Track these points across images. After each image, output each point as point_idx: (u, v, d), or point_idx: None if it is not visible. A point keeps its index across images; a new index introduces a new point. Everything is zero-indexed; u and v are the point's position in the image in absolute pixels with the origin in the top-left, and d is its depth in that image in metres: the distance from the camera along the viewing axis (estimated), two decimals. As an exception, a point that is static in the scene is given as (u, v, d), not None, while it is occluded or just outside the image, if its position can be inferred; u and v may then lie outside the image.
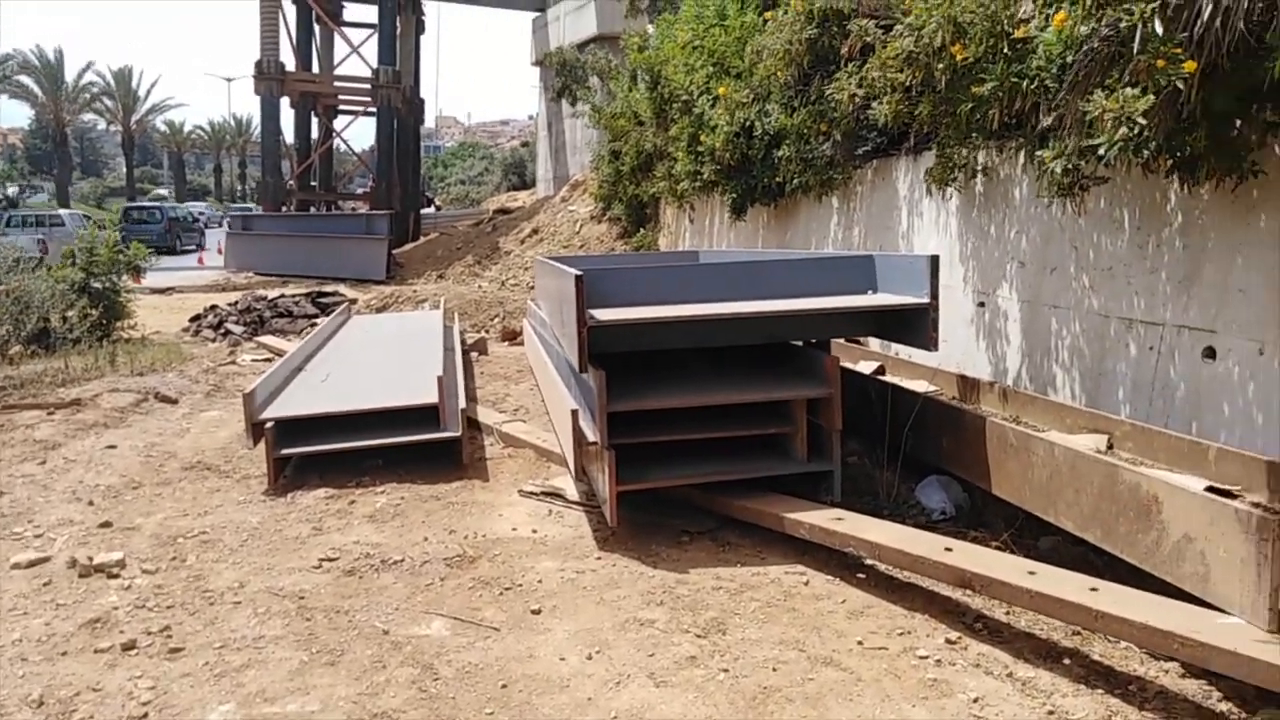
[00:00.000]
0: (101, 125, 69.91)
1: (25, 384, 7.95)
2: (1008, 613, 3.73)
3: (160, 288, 17.81)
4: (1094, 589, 3.27)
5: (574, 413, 4.68)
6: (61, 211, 31.62)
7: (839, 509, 4.34)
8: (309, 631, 3.63)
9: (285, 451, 5.56)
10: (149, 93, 64.99)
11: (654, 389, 4.76)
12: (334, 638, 3.58)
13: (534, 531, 4.65)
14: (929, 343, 4.41)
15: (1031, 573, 3.45)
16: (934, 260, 4.41)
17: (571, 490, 5.08)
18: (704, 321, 4.57)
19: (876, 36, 6.03)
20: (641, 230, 14.56)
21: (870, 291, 4.85)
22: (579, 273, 4.34)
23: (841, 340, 6.54)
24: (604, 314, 4.44)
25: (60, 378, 8.31)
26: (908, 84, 5.61)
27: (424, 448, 5.79)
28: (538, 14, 30.41)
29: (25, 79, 53.22)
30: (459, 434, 5.80)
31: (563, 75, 19.08)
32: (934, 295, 4.39)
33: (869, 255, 5.02)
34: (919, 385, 5.58)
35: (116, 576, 4.19)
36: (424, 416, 5.89)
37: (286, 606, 3.86)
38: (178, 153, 75.98)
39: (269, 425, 5.58)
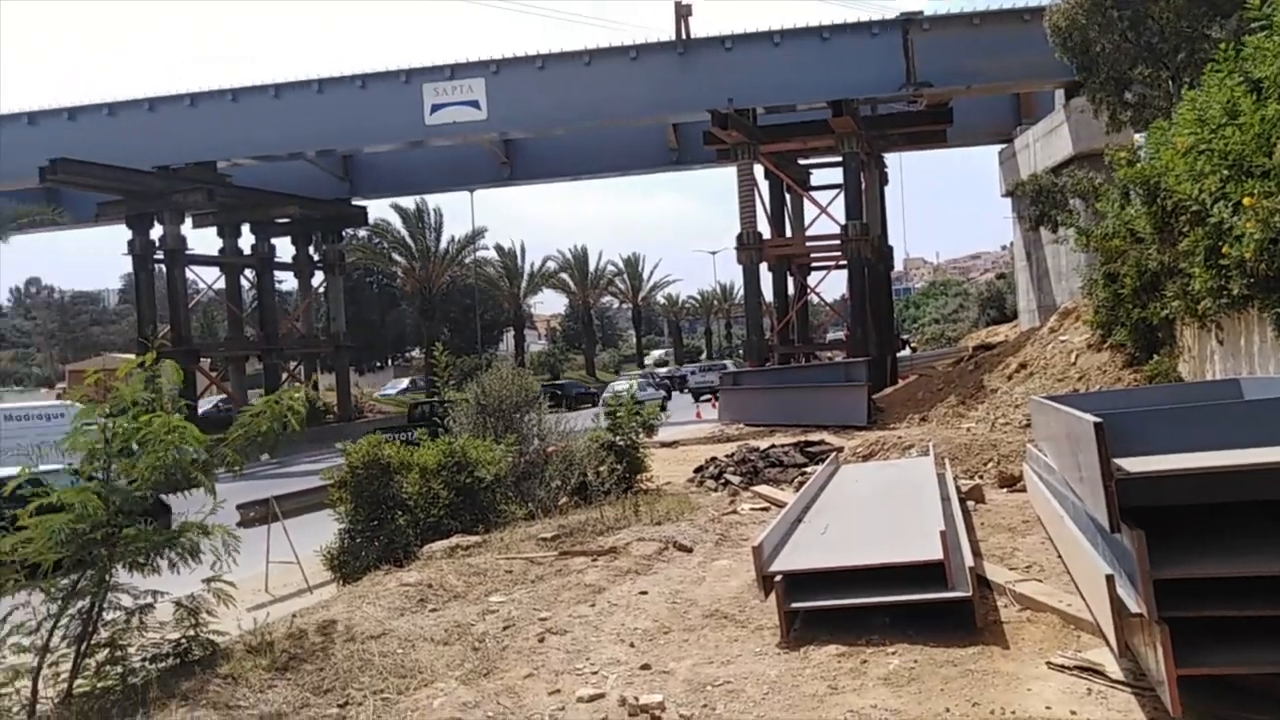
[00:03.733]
0: (616, 304, 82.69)
1: (574, 532, 9.31)
2: None
3: (667, 441, 19.94)
4: None
5: (1109, 579, 4.16)
6: (684, 367, 54.65)
7: None
8: (838, 800, 3.58)
9: (795, 605, 5.73)
10: (651, 273, 75.68)
11: (1208, 550, 4.06)
12: (863, 811, 3.48)
13: (1073, 713, 4.14)
14: None
15: None
16: None
17: (1113, 666, 4.46)
18: (1267, 472, 3.84)
19: None
20: (1154, 357, 12.93)
21: None
22: (1098, 420, 3.95)
23: None
24: (1133, 464, 3.95)
25: (598, 526, 9.58)
26: None
27: (931, 606, 5.56)
28: (1004, 145, 29.73)
29: (563, 275, 65.33)
30: (969, 594, 5.48)
31: (1039, 202, 18.23)
32: None
33: None
34: None
35: (658, 719, 4.58)
36: (927, 572, 5.69)
37: (812, 769, 3.86)
38: (675, 321, 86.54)
39: (778, 578, 5.82)
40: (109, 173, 29.28)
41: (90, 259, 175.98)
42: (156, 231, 31.69)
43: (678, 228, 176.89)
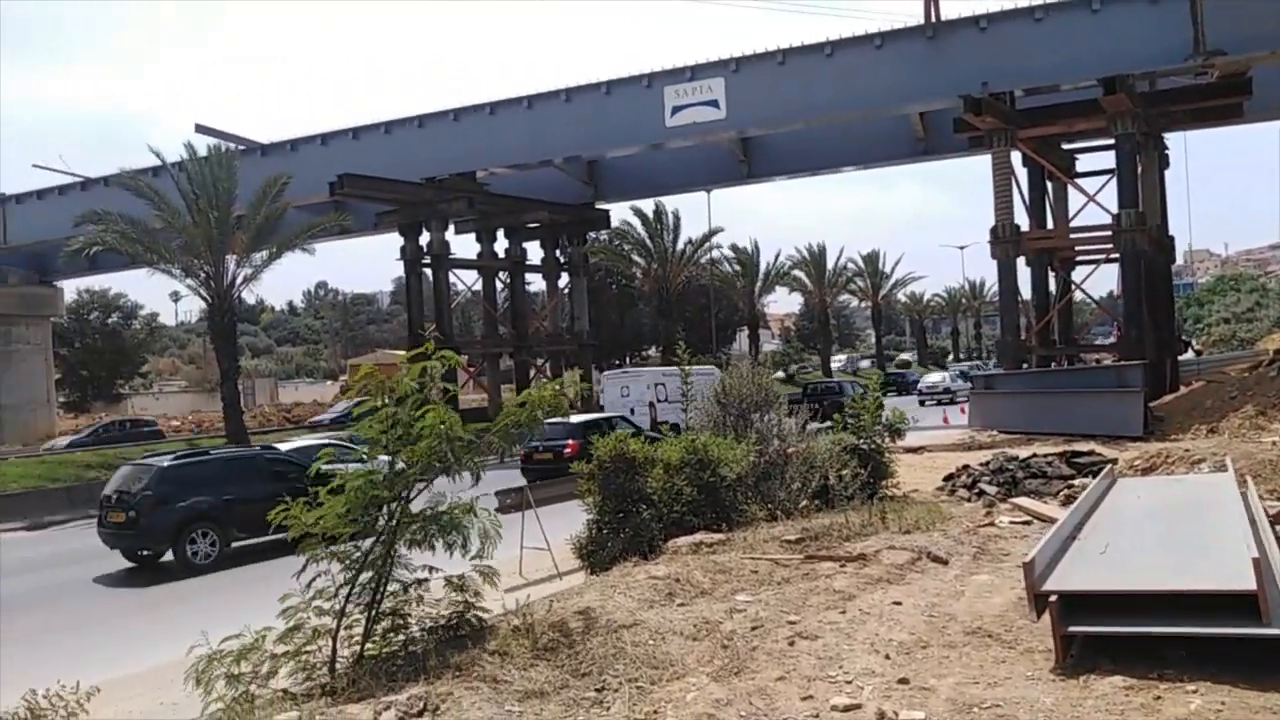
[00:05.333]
0: (854, 303, 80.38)
1: (818, 536, 9.09)
2: None
3: (913, 447, 19.06)
4: None
5: None
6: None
7: None
8: None
9: (1072, 629, 5.22)
10: (893, 270, 72.76)
11: None
12: None
13: None
14: None
15: None
16: None
17: None
18: None
19: None
20: None
21: None
22: None
23: None
24: None
25: (844, 532, 9.29)
26: None
27: (1238, 644, 4.87)
28: (1321, 117, 25.89)
29: (798, 273, 64.40)
30: (1292, 632, 4.74)
31: (1368, 181, 15.61)
32: None
33: None
34: None
35: (920, 738, 4.32)
36: (1233, 604, 4.98)
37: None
38: (919, 320, 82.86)
39: (1053, 599, 5.33)
40: (386, 185, 32.39)
41: (366, 264, 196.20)
42: (424, 238, 34.68)
43: (920, 221, 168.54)
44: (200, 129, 32.75)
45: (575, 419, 20.73)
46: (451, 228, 35.99)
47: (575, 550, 10.51)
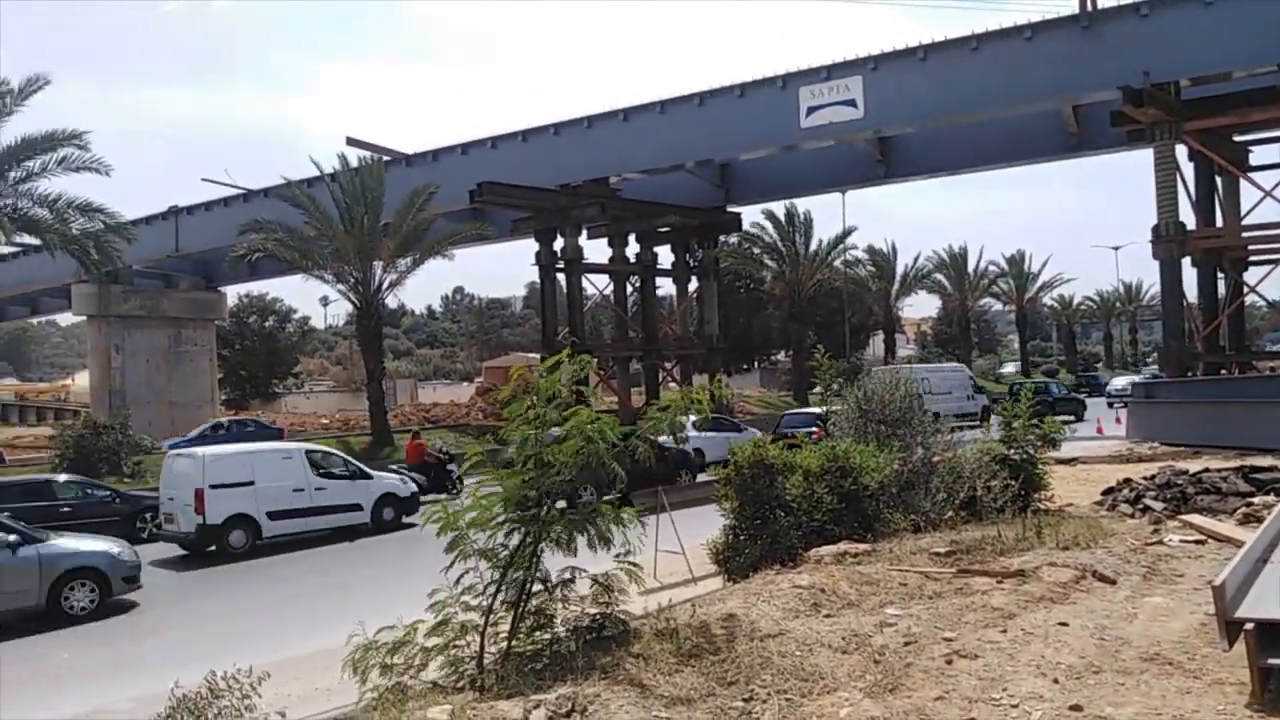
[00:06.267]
0: (996, 306, 76.84)
1: (970, 549, 8.65)
2: None
3: (1065, 458, 17.99)
4: None
5: None
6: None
7: None
8: None
9: (1273, 661, 4.73)
10: (1039, 272, 69.05)
11: None
12: None
13: None
14: None
15: None
16: None
17: None
18: None
19: None
20: None
21: None
22: None
23: None
24: None
25: (997, 546, 8.81)
26: None
27: None
28: None
29: (939, 275, 62.16)
30: None
31: None
32: None
33: None
34: None
35: (1102, 773, 3.99)
36: None
37: None
38: (1067, 325, 78.41)
39: (1248, 626, 4.85)
40: (523, 192, 33.16)
41: (501, 269, 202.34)
42: (558, 243, 35.30)
43: (1069, 220, 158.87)
44: (351, 141, 34.42)
45: (816, 409, 23.57)
46: (584, 232, 36.50)
47: (711, 555, 10.39)
